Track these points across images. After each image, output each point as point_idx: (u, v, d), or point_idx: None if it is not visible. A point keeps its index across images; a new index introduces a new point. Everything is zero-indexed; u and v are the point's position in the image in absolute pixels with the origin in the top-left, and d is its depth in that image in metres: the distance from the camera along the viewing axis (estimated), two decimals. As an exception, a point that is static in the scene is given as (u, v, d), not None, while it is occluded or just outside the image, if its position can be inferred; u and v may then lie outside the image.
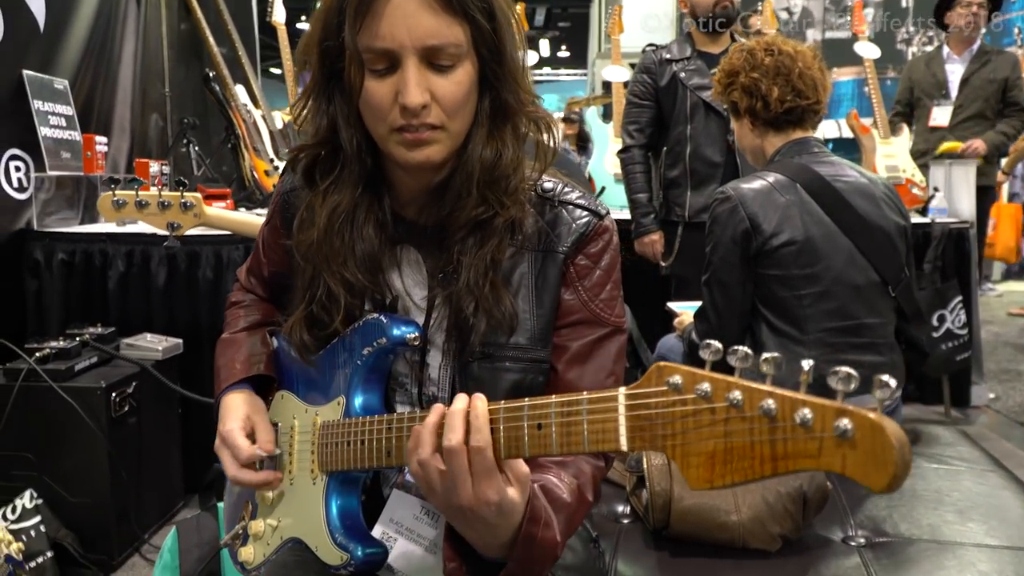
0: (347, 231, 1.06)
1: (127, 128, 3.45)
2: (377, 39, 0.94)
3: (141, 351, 2.56)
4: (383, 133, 1.00)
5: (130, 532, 2.45)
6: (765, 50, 1.98)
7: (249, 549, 1.26)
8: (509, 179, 1.04)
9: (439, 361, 1.10)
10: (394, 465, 1.03)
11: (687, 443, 0.70)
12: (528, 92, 1.06)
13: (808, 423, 0.61)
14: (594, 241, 1.10)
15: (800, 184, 1.92)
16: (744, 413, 0.66)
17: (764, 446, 0.64)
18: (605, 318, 1.11)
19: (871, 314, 1.90)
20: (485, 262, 1.03)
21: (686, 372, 0.70)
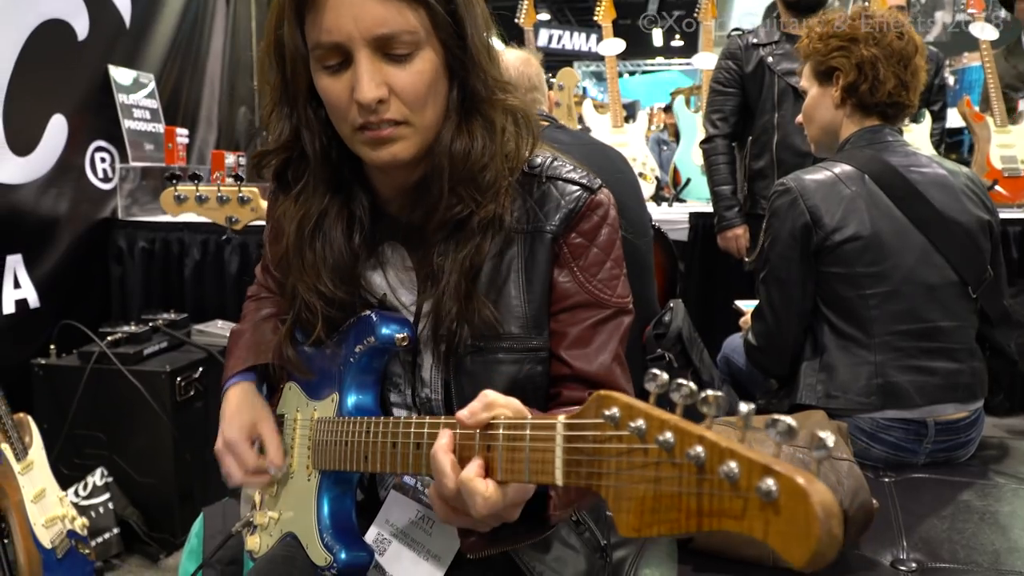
0: (318, 241, 1.02)
1: (214, 121, 3.56)
2: (323, 32, 0.89)
3: (210, 337, 2.63)
4: (347, 133, 0.95)
5: (193, 513, 2.50)
6: (897, 31, 1.77)
7: (255, 538, 1.26)
8: (484, 173, 0.98)
9: (430, 363, 1.05)
10: (370, 471, 1.00)
11: (620, 484, 0.62)
12: (497, 79, 0.99)
13: (734, 478, 0.53)
14: (587, 217, 1.02)
15: (869, 175, 1.76)
16: (674, 458, 0.58)
17: (691, 498, 0.56)
18: (605, 299, 1.03)
19: (947, 317, 1.73)
20: (463, 267, 0.98)
21: (624, 404, 0.63)
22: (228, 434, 1.16)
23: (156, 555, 2.40)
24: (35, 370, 2.46)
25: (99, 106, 2.81)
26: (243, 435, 1.15)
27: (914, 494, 1.60)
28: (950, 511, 1.54)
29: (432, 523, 1.10)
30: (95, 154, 2.83)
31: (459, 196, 0.97)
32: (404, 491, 1.12)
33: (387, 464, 0.94)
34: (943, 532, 1.45)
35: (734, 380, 2.24)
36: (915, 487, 1.64)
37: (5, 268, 2.48)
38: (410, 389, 1.09)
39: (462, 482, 0.75)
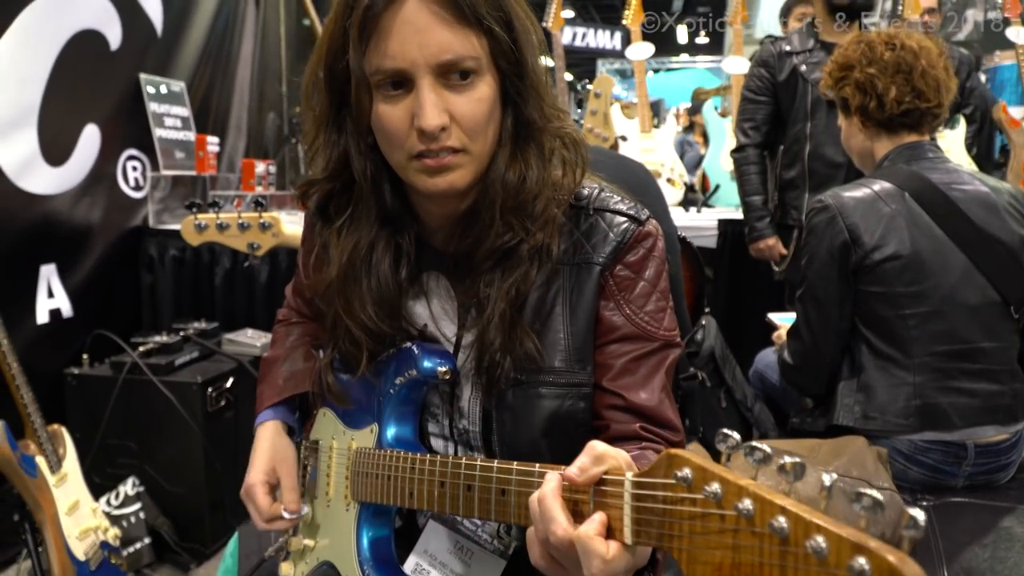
0: (364, 273, 1.01)
1: (244, 127, 3.58)
2: (387, 59, 0.87)
3: (241, 346, 2.64)
4: (401, 161, 0.93)
5: (224, 523, 2.53)
6: (886, 44, 1.79)
7: (289, 566, 1.26)
8: (535, 202, 0.96)
9: (469, 394, 1.04)
10: (415, 507, 0.98)
11: (694, 548, 0.61)
12: (553, 106, 0.97)
13: (822, 554, 0.52)
14: (634, 249, 1.00)
15: (909, 193, 1.73)
16: (755, 527, 0.56)
17: (773, 569, 0.55)
18: (652, 332, 1.00)
19: (988, 338, 1.70)
20: (510, 296, 0.96)
21: (697, 467, 0.61)
22: (249, 480, 1.16)
23: (187, 564, 2.42)
24: (68, 380, 2.48)
25: (131, 115, 2.84)
26: (261, 479, 1.15)
27: (953, 519, 1.57)
28: (991, 538, 1.51)
29: (472, 554, 1.09)
30: (127, 163, 2.85)
31: (510, 225, 0.95)
32: (443, 521, 1.11)
33: (434, 503, 0.93)
34: (984, 561, 1.42)
35: (767, 397, 2.21)
36: (954, 512, 1.61)
37: (39, 278, 2.51)
38: (448, 420, 1.08)
39: (580, 539, 0.69)
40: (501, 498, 0.83)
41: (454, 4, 0.86)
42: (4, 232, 2.34)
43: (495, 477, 0.84)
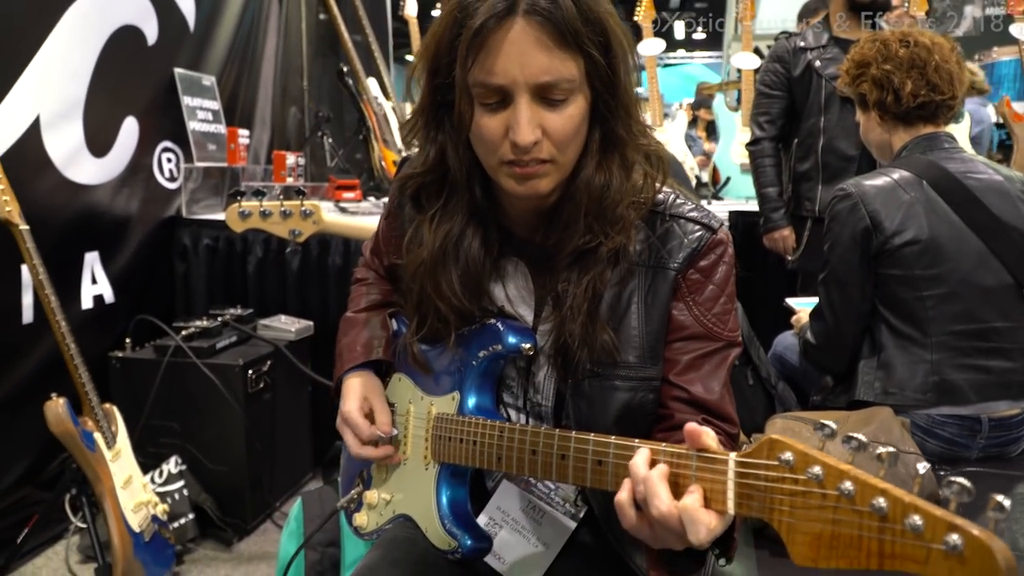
0: (453, 257, 1.09)
1: (268, 121, 3.67)
2: (491, 75, 0.94)
3: (276, 331, 2.73)
4: (493, 164, 1.01)
5: (263, 500, 2.63)
6: (900, 41, 1.90)
7: (363, 516, 1.35)
8: (616, 209, 1.04)
9: (544, 372, 1.13)
10: (503, 470, 1.07)
11: (794, 520, 0.70)
12: (639, 122, 1.05)
13: (918, 530, 0.62)
14: (706, 255, 1.08)
15: (927, 181, 1.84)
16: (855, 506, 0.66)
17: (872, 542, 0.65)
18: (718, 333, 1.09)
19: (1002, 318, 1.81)
20: (587, 292, 1.04)
21: (799, 451, 0.71)
22: (344, 408, 1.24)
23: (229, 539, 2.52)
24: (112, 363, 2.57)
25: (166, 108, 2.92)
26: (356, 406, 1.24)
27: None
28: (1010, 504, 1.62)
29: (543, 514, 1.18)
30: (162, 154, 2.94)
31: (590, 228, 1.03)
32: (516, 483, 1.19)
33: (524, 468, 1.01)
34: (1002, 523, 1.52)
35: (787, 377, 2.32)
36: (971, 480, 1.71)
37: (84, 265, 2.60)
38: (523, 393, 1.16)
39: (687, 510, 0.78)
40: (598, 467, 0.91)
41: (557, 29, 0.92)
42: (54, 221, 2.43)
43: (591, 449, 0.92)
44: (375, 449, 1.23)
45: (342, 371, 1.33)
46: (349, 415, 1.24)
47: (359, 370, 1.31)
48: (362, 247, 1.53)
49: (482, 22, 0.92)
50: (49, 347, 2.41)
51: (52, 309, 2.07)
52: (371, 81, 3.70)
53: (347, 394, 1.27)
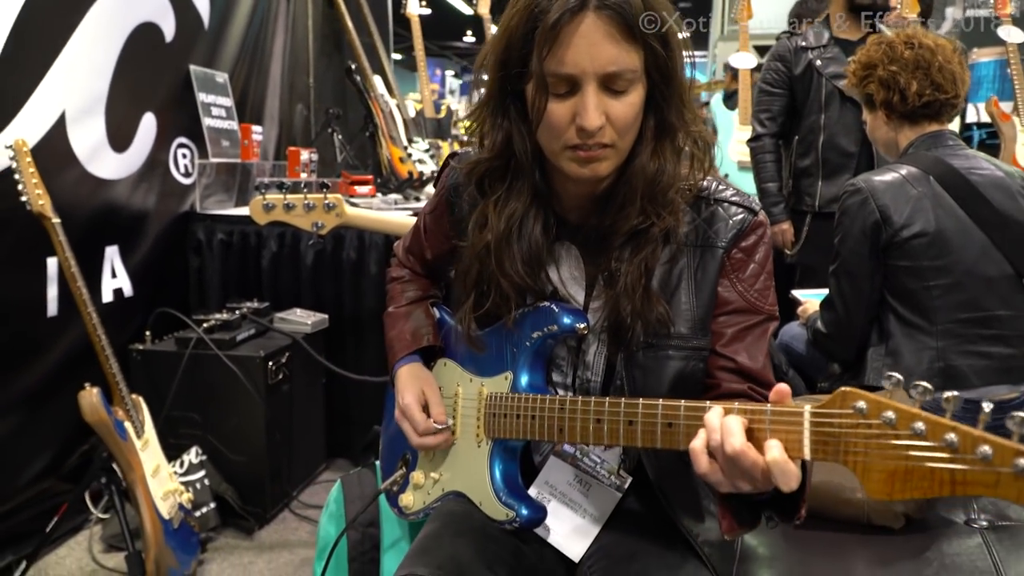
0: (517, 237, 1.17)
1: (276, 118, 3.72)
2: (563, 65, 1.01)
3: (292, 325, 2.79)
4: (556, 149, 1.08)
5: (281, 489, 2.69)
6: (905, 43, 1.99)
7: (409, 496, 1.42)
8: (667, 192, 1.12)
9: (595, 349, 1.21)
10: (564, 440, 1.15)
11: (869, 460, 0.80)
12: (691, 111, 1.12)
13: (988, 458, 0.71)
14: (749, 236, 1.17)
15: (933, 177, 1.93)
16: (927, 442, 0.75)
17: (944, 472, 0.74)
18: (760, 306, 1.17)
19: (1003, 306, 1.90)
20: (640, 269, 1.12)
21: (872, 399, 0.80)
22: (403, 401, 1.32)
23: (250, 528, 2.57)
24: (133, 355, 2.62)
25: (181, 104, 2.97)
26: (415, 400, 1.31)
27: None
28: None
29: (589, 487, 1.25)
30: (177, 150, 2.99)
31: (644, 209, 1.11)
32: (563, 457, 1.26)
33: (588, 437, 1.09)
34: (1009, 498, 1.62)
35: (794, 366, 2.41)
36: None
37: (104, 259, 2.64)
38: (572, 371, 1.24)
39: (778, 463, 0.86)
40: (667, 429, 1.00)
41: (624, 24, 1.00)
42: (77, 214, 2.47)
43: (660, 413, 1.00)
44: (433, 438, 1.30)
45: (395, 361, 1.40)
46: (408, 408, 1.31)
47: (410, 359, 1.38)
48: (394, 247, 1.60)
49: (558, 16, 1.00)
50: (72, 340, 2.46)
51: (84, 301, 2.12)
52: (376, 79, 3.75)
53: (404, 387, 1.34)
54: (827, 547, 1.45)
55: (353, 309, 2.99)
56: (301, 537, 2.55)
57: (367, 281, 2.95)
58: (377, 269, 2.93)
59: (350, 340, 3.01)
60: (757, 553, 1.43)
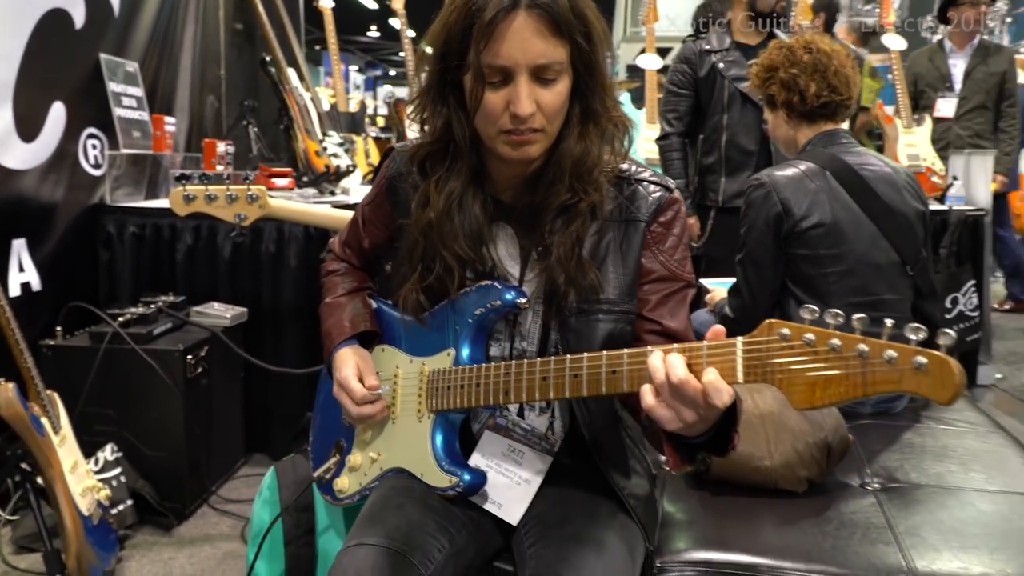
0: (458, 212, 1.26)
1: (187, 109, 3.65)
2: (498, 58, 1.12)
3: (211, 318, 2.77)
4: (492, 133, 1.19)
5: (200, 485, 2.67)
6: (804, 48, 2.15)
7: (344, 480, 1.47)
8: (592, 171, 1.24)
9: (530, 320, 1.31)
10: (511, 402, 1.25)
11: (793, 376, 0.93)
12: (612, 98, 1.24)
13: (893, 360, 0.85)
14: (666, 211, 1.30)
15: (829, 172, 2.09)
16: (842, 354, 0.89)
17: (856, 377, 0.88)
18: (680, 274, 1.31)
19: (890, 291, 2.08)
20: (572, 239, 1.23)
21: (793, 327, 0.93)
22: (340, 375, 1.39)
23: (169, 524, 2.54)
24: (43, 351, 2.55)
25: (91, 93, 2.89)
26: (352, 373, 1.38)
27: (867, 435, 1.92)
28: (897, 446, 1.88)
29: (522, 455, 1.34)
30: (87, 141, 2.91)
31: (572, 187, 1.23)
32: (497, 431, 1.35)
33: (534, 393, 1.19)
34: (895, 461, 1.78)
35: (703, 350, 2.55)
36: (866, 430, 1.97)
37: (11, 252, 2.56)
38: (509, 342, 1.34)
39: (711, 383, 0.97)
40: (611, 376, 1.11)
41: (552, 21, 1.12)
42: (-17, 206, 2.39)
43: (604, 363, 1.11)
44: (372, 407, 1.37)
45: (332, 346, 1.45)
46: (345, 380, 1.38)
47: (347, 344, 1.44)
48: (329, 243, 1.65)
49: (494, 14, 1.11)
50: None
51: (-4, 294, 2.06)
52: (291, 71, 3.73)
53: (341, 364, 1.41)
54: (739, 510, 1.56)
55: (272, 302, 2.98)
56: (222, 531, 2.54)
57: (286, 274, 2.95)
58: (297, 262, 2.94)
59: (269, 334, 3.00)
60: (676, 519, 1.53)
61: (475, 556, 1.33)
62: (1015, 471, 1.75)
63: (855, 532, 1.46)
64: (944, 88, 4.43)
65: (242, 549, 2.41)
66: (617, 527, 1.27)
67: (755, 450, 1.61)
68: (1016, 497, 1.62)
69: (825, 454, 1.63)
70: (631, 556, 1.26)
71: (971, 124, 4.39)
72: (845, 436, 1.67)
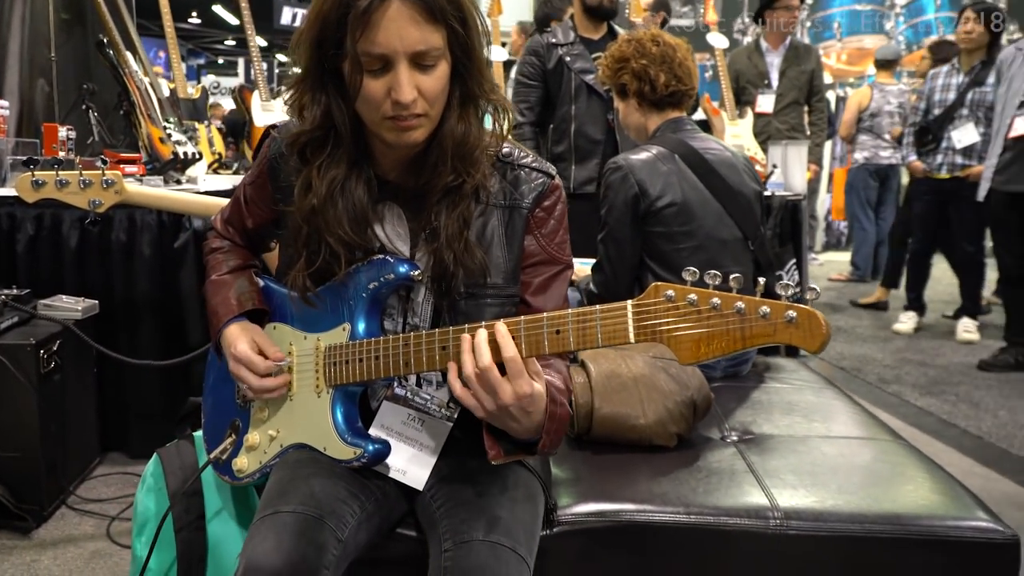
0: (341, 197, 1.29)
1: (16, 93, 3.41)
2: (375, 46, 1.15)
3: (61, 311, 2.63)
4: (375, 119, 1.23)
5: (58, 485, 2.54)
6: (652, 41, 2.33)
7: (243, 459, 1.49)
8: (474, 151, 1.30)
9: (422, 297, 1.37)
10: (411, 372, 1.30)
11: (679, 333, 1.03)
12: (489, 81, 1.31)
13: (767, 315, 0.96)
14: (548, 197, 1.38)
15: (678, 155, 2.29)
16: (722, 312, 1.00)
17: (736, 332, 0.99)
18: (559, 257, 1.40)
19: (735, 264, 2.30)
20: (459, 222, 1.29)
21: (677, 288, 1.03)
22: (236, 350, 1.39)
23: (28, 528, 2.41)
24: None
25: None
26: (249, 346, 1.40)
27: (720, 395, 2.13)
28: (748, 403, 2.11)
29: (423, 422, 1.39)
30: (-92, 125, 2.68)
31: (456, 168, 1.28)
32: (396, 400, 1.39)
33: (435, 363, 1.25)
34: (749, 416, 2.00)
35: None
36: (719, 391, 2.17)
37: None
38: (402, 317, 1.39)
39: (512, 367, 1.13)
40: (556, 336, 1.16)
41: (427, 8, 1.15)
42: None
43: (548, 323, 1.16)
44: (274, 379, 1.39)
45: (220, 324, 1.46)
46: (243, 354, 1.39)
47: (235, 321, 1.45)
48: (211, 220, 1.64)
49: (368, 3, 1.14)
50: None
51: None
52: (128, 55, 3.57)
53: (235, 339, 1.42)
54: (618, 466, 1.70)
55: (125, 294, 2.86)
56: (86, 531, 2.43)
57: (140, 264, 2.84)
58: (151, 251, 2.84)
59: (122, 326, 2.88)
60: (562, 477, 1.66)
61: (382, 522, 1.39)
62: (846, 420, 2.01)
63: (723, 479, 1.64)
64: (763, 85, 4.84)
65: (110, 547, 2.33)
66: (522, 484, 1.37)
67: (631, 411, 1.76)
68: (853, 441, 1.87)
69: (692, 411, 1.81)
70: (536, 509, 1.36)
71: (787, 118, 4.83)
72: (708, 394, 1.85)
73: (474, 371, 1.16)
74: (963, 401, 3.88)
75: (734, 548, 1.50)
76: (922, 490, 1.60)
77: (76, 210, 2.68)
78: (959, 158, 4.89)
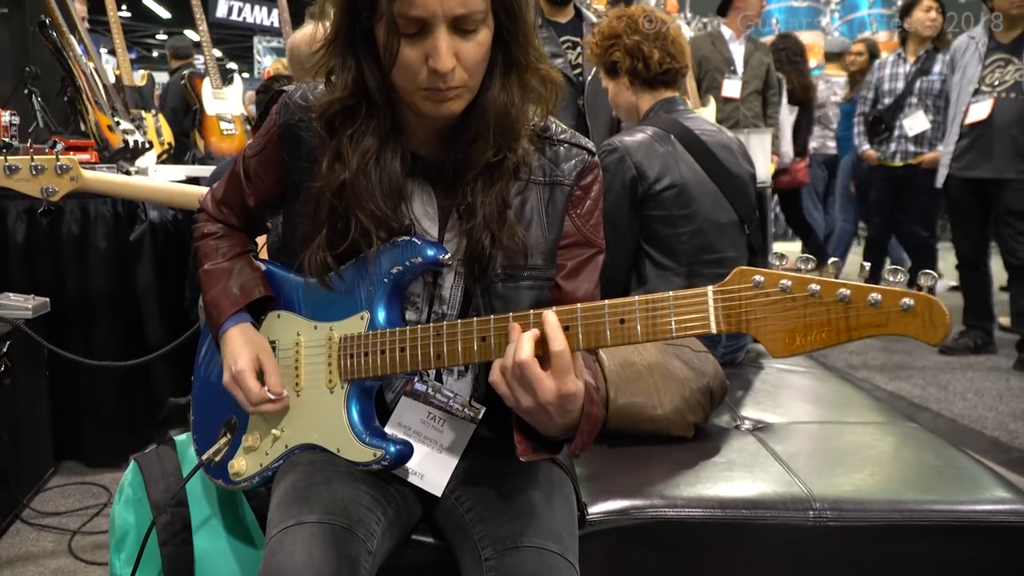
0: (375, 170, 1.17)
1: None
2: (413, 8, 1.04)
3: (9, 310, 2.42)
4: (411, 89, 1.11)
5: (11, 498, 2.34)
6: (643, 17, 2.24)
7: (241, 461, 1.34)
8: (516, 126, 1.17)
9: (451, 283, 1.24)
10: (443, 366, 1.17)
11: (770, 324, 0.92)
12: (536, 50, 1.18)
13: (878, 303, 0.86)
14: (588, 175, 1.27)
15: (674, 136, 2.21)
16: (822, 299, 0.89)
17: (840, 322, 0.89)
18: (594, 240, 1.29)
19: (732, 248, 2.24)
20: (497, 201, 1.18)
21: (767, 273, 0.93)
22: (236, 368, 1.26)
23: (-23, 544, 2.22)
24: None
25: None
26: (248, 366, 1.26)
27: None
28: (753, 391, 2.05)
29: (444, 422, 1.27)
30: None
31: (496, 143, 1.16)
32: (416, 397, 1.27)
33: (472, 356, 1.13)
34: (758, 403, 1.93)
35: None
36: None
37: None
38: (427, 307, 1.26)
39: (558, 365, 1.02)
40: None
41: None
42: None
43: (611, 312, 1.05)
44: (270, 405, 1.27)
45: (222, 319, 1.32)
46: (241, 376, 1.26)
47: (240, 319, 1.32)
48: (201, 201, 1.48)
49: None
50: None
51: None
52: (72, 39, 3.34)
53: (237, 352, 1.28)
54: (637, 459, 1.61)
55: (78, 290, 2.67)
56: (45, 548, 2.25)
57: (94, 258, 2.65)
58: (106, 244, 2.65)
59: (76, 325, 2.68)
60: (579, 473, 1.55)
61: (402, 530, 1.27)
62: (858, 405, 1.96)
63: (751, 470, 1.56)
64: (729, 71, 4.81)
65: (73, 564, 2.15)
66: (556, 483, 1.26)
67: (647, 400, 1.67)
68: (871, 426, 1.81)
69: (709, 399, 1.73)
70: (573, 511, 1.26)
71: (752, 106, 4.82)
72: (724, 381, 1.77)
73: (512, 364, 1.05)
74: (931, 385, 3.92)
75: (772, 542, 1.43)
76: (959, 476, 1.55)
77: (23, 199, 2.49)
78: (911, 146, 4.96)
